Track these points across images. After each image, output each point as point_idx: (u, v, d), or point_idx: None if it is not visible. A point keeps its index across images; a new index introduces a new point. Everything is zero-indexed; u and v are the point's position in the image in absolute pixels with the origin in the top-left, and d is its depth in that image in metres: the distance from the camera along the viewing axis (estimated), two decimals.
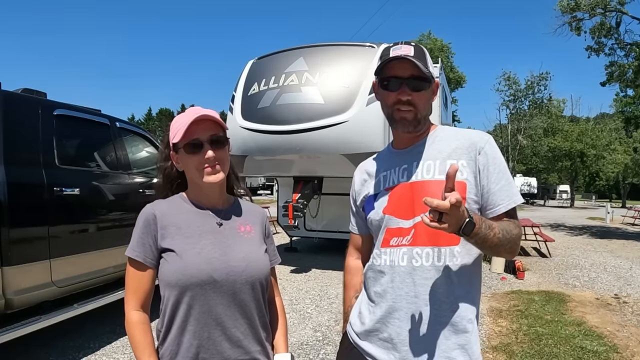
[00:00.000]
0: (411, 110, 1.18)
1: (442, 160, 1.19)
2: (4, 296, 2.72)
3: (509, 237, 1.11)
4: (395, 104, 1.18)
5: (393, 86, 1.18)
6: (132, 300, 1.15)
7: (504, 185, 1.17)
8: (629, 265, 7.91)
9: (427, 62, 1.18)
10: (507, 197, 1.16)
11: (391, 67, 1.18)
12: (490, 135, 1.24)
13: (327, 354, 3.50)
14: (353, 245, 1.48)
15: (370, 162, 1.40)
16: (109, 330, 3.90)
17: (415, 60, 1.14)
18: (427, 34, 35.30)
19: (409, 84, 1.16)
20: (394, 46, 1.20)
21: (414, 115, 1.19)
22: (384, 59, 1.19)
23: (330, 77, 6.16)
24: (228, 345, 1.13)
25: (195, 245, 1.14)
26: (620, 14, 14.82)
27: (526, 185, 41.05)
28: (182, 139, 1.15)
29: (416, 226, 1.16)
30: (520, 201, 1.19)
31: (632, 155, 35.40)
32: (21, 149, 3.01)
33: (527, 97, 36.14)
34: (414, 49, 1.17)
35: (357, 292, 1.41)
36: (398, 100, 1.17)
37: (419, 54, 1.17)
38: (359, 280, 1.41)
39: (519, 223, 1.19)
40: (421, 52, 1.18)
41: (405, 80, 1.16)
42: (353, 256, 1.48)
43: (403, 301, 1.16)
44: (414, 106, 1.18)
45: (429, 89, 1.21)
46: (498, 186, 1.16)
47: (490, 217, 1.16)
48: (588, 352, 3.56)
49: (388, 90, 1.19)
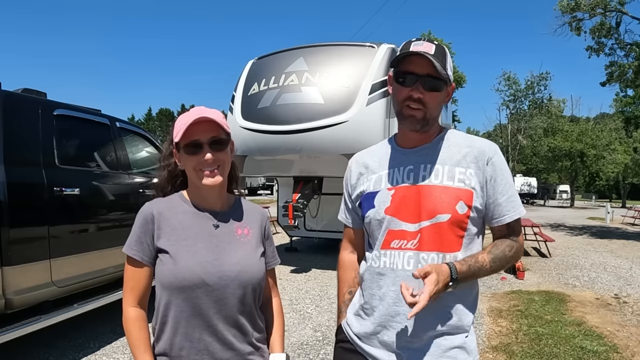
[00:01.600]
0: (421, 109, 1.16)
1: (450, 167, 1.19)
2: (4, 296, 2.72)
3: (503, 262, 1.20)
4: (406, 99, 1.16)
5: (408, 82, 1.15)
6: (130, 297, 1.16)
7: (510, 197, 1.19)
8: (629, 265, 7.91)
9: (447, 63, 1.16)
10: (513, 209, 1.19)
11: (409, 62, 1.15)
12: (497, 146, 1.27)
13: (327, 354, 3.50)
14: (347, 239, 1.45)
15: (368, 155, 1.35)
16: (109, 330, 3.90)
17: (434, 60, 1.11)
18: (427, 34, 35.27)
19: (424, 82, 1.14)
20: (415, 41, 1.17)
21: (423, 115, 1.17)
22: (403, 51, 1.16)
23: (330, 77, 6.17)
24: (220, 347, 1.14)
25: (190, 248, 1.14)
26: (620, 14, 14.82)
27: (526, 185, 41.02)
28: (182, 139, 1.15)
29: (422, 230, 1.15)
30: (524, 213, 1.24)
31: (632, 155, 35.41)
32: (21, 149, 3.00)
33: (527, 97, 36.23)
34: (435, 48, 1.14)
35: (350, 287, 1.39)
36: (409, 96, 1.15)
37: (440, 54, 1.14)
38: (352, 275, 1.40)
39: (520, 232, 1.25)
40: (442, 51, 1.16)
41: (421, 78, 1.14)
42: (347, 250, 1.45)
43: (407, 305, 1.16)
44: (425, 105, 1.15)
45: (444, 91, 1.19)
46: (504, 197, 1.19)
47: (495, 225, 1.22)
48: (588, 352, 3.56)
49: (402, 86, 1.17)
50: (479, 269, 1.14)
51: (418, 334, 1.15)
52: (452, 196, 1.15)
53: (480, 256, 1.16)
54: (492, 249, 1.19)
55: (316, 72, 6.24)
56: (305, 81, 6.22)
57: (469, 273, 1.12)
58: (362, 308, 1.27)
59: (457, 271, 1.09)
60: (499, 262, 1.18)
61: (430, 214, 1.15)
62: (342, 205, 1.44)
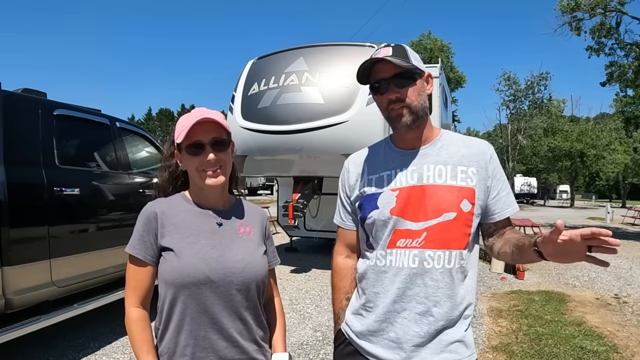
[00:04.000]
0: (403, 106, 1.20)
1: (453, 166, 1.23)
2: (4, 296, 2.72)
3: None
4: (388, 104, 1.21)
5: (382, 88, 1.21)
6: (132, 297, 1.16)
7: (508, 192, 1.29)
8: (629, 265, 7.91)
9: (409, 57, 1.20)
10: (512, 203, 1.29)
11: (376, 71, 1.22)
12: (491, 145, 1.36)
13: (327, 354, 3.50)
14: (343, 242, 1.40)
15: (365, 156, 1.36)
16: (109, 330, 3.90)
17: (393, 59, 1.16)
18: (427, 34, 35.35)
19: (394, 83, 1.19)
20: (375, 52, 1.23)
21: (409, 110, 1.20)
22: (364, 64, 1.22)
23: (330, 77, 6.16)
24: (224, 345, 1.14)
25: (193, 245, 1.15)
26: (620, 14, 14.83)
27: (526, 185, 41.06)
28: (184, 140, 1.16)
29: (428, 229, 1.18)
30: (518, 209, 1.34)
31: (632, 155, 35.43)
32: (21, 149, 3.01)
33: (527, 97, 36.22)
34: (392, 49, 1.20)
35: (347, 294, 1.38)
36: (389, 100, 1.20)
37: (398, 52, 1.20)
38: (348, 281, 1.38)
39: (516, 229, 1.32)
40: (400, 49, 1.21)
41: (390, 80, 1.19)
42: (342, 254, 1.40)
43: (412, 301, 1.19)
44: (405, 101, 1.20)
45: (419, 81, 1.22)
46: (504, 193, 1.27)
47: (497, 220, 1.27)
48: (588, 352, 3.56)
49: (379, 94, 1.23)
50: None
51: (420, 329, 1.18)
52: (456, 195, 1.19)
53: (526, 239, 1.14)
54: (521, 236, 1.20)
55: (316, 72, 6.24)
56: (305, 81, 6.21)
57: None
58: (363, 307, 1.28)
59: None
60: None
61: (436, 212, 1.18)
62: (338, 208, 1.41)
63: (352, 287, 1.37)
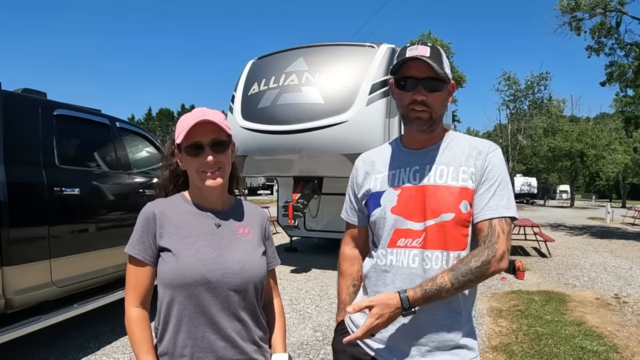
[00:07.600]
0: (425, 110, 1.19)
1: (455, 167, 1.22)
2: (4, 296, 2.72)
3: (471, 277, 1.10)
4: (410, 104, 1.20)
5: (409, 86, 1.19)
6: (132, 297, 1.16)
7: (497, 193, 1.18)
8: (629, 265, 7.91)
9: (443, 63, 1.19)
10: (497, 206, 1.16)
11: (407, 67, 1.19)
12: (498, 147, 1.28)
13: (327, 353, 3.50)
14: (349, 236, 1.46)
15: (375, 155, 1.38)
16: (109, 330, 3.90)
17: (431, 62, 1.15)
18: (427, 34, 35.30)
19: (425, 85, 1.18)
20: (410, 46, 1.20)
21: (429, 116, 1.20)
22: (400, 58, 1.19)
23: (330, 77, 6.16)
24: (223, 345, 1.14)
25: (192, 246, 1.15)
26: (620, 14, 14.82)
27: (526, 185, 41.03)
28: (184, 140, 1.16)
29: (427, 229, 1.18)
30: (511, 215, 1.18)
31: (632, 155, 35.40)
32: (21, 149, 3.00)
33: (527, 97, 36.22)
34: (430, 50, 1.18)
35: (354, 281, 1.41)
36: (413, 100, 1.19)
37: (435, 55, 1.18)
38: (355, 268, 1.41)
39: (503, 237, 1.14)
40: (437, 52, 1.19)
41: (422, 81, 1.18)
42: (349, 245, 1.45)
43: None
44: (429, 107, 1.19)
45: (444, 90, 1.22)
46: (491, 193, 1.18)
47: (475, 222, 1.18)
48: (588, 352, 3.56)
49: (404, 91, 1.21)
50: (437, 290, 1.09)
51: (422, 330, 1.18)
52: (455, 196, 1.18)
53: (440, 276, 1.11)
54: (457, 264, 1.13)
55: (316, 72, 6.24)
56: (305, 81, 6.21)
57: (426, 298, 1.09)
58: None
59: (409, 300, 1.09)
60: (463, 278, 1.10)
61: (434, 213, 1.18)
62: (345, 204, 1.45)
63: (358, 274, 1.40)
